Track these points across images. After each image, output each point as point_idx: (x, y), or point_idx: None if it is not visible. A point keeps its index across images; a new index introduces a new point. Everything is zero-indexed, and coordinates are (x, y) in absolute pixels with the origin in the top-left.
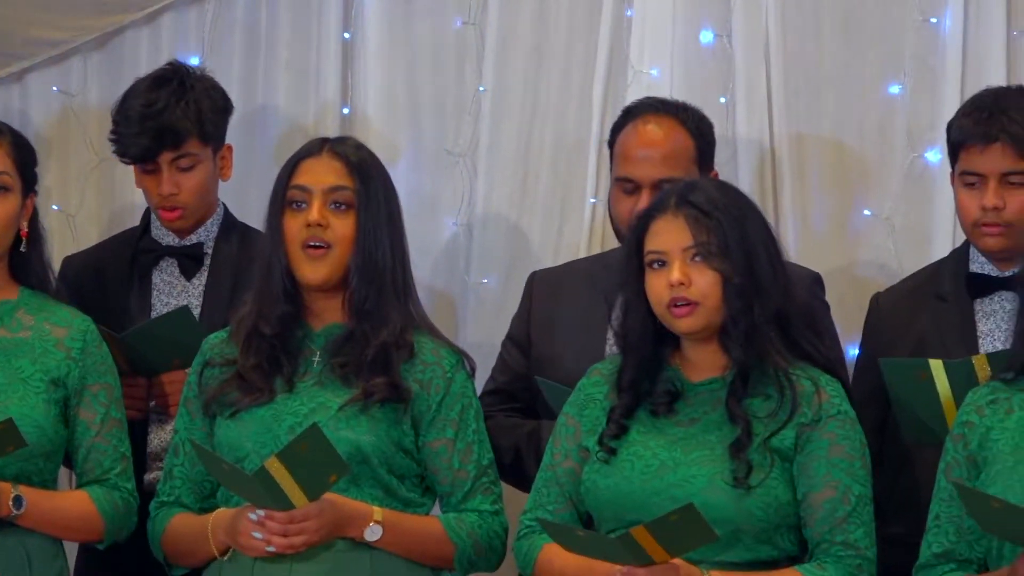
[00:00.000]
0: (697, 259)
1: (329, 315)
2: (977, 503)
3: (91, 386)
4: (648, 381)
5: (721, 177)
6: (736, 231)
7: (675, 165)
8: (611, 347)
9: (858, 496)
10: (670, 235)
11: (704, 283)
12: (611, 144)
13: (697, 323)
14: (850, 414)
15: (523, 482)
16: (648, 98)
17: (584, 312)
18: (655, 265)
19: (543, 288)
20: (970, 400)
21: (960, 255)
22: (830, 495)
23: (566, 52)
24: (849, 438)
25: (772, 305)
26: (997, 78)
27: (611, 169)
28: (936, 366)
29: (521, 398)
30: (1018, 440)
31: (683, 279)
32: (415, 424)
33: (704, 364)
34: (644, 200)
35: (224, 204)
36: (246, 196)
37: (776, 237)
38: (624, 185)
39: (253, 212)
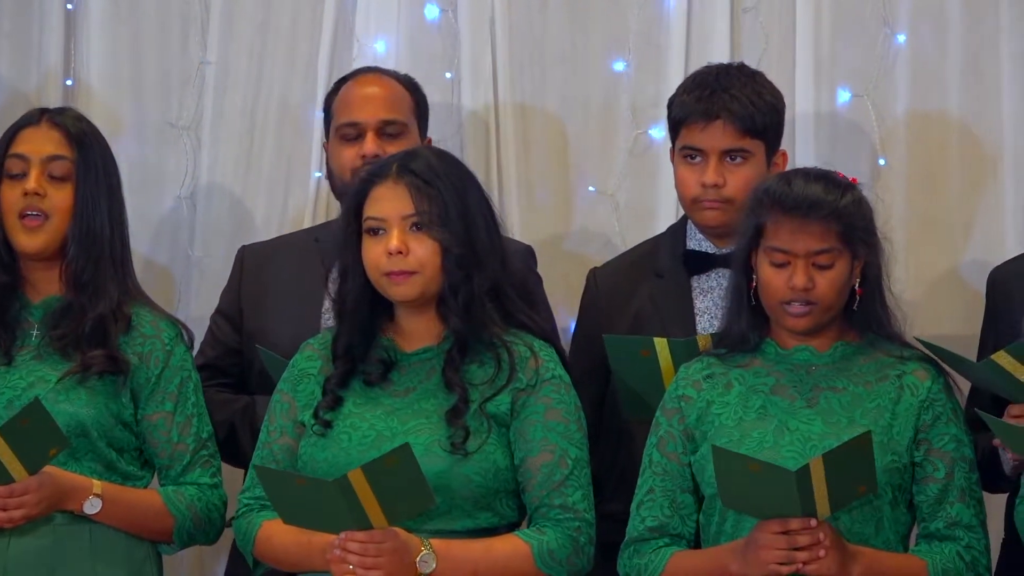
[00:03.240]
0: (417, 228)
1: (47, 287)
2: (731, 467)
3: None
4: (363, 347)
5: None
6: (456, 201)
7: (396, 109)
8: (327, 320)
9: (575, 459)
10: (390, 203)
11: (423, 252)
12: (327, 109)
13: (413, 291)
14: (565, 379)
15: (237, 458)
16: (362, 67)
17: (297, 284)
18: (374, 232)
19: (253, 261)
20: (684, 375)
21: (677, 232)
22: (547, 459)
23: (291, 25)
24: (564, 402)
25: (490, 276)
26: (721, 55)
27: (325, 136)
28: (660, 344)
29: (231, 373)
30: (741, 414)
31: (401, 247)
32: (134, 397)
33: (418, 333)
34: (369, 144)
35: None
36: None
37: (494, 209)
38: (346, 132)
39: None
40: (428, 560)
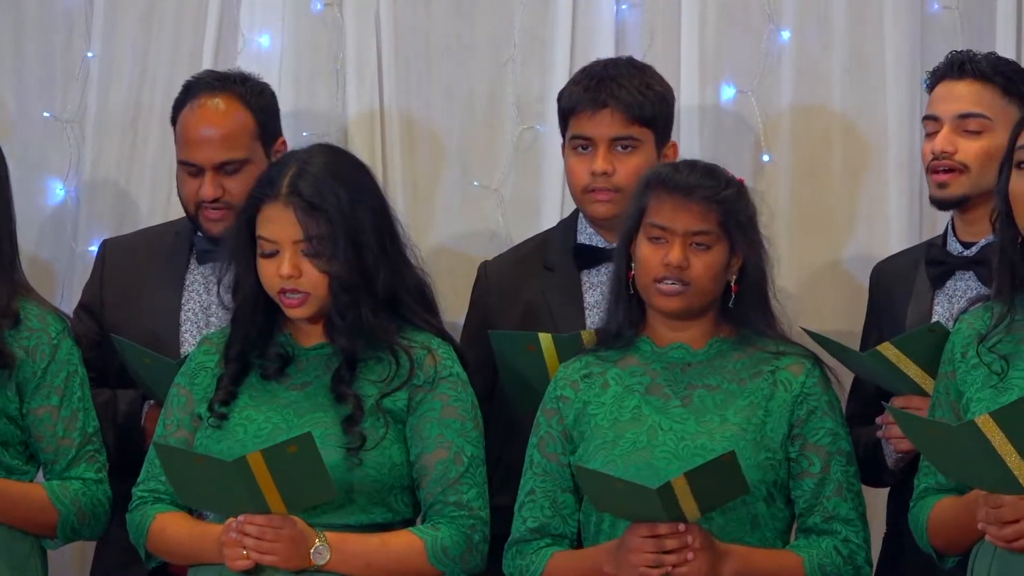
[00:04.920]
0: (307, 255)
1: None
2: (596, 483)
3: None
4: (258, 349)
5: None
6: (346, 222)
7: (234, 146)
8: (187, 314)
9: (470, 457)
10: (280, 226)
11: (314, 276)
12: (173, 121)
13: (306, 312)
14: (462, 376)
15: None
16: (208, 72)
17: (158, 278)
18: (267, 252)
19: (115, 255)
20: (562, 374)
21: (568, 226)
22: (443, 456)
23: (176, 19)
24: (461, 400)
25: (382, 292)
26: (606, 50)
27: (175, 143)
28: (545, 339)
29: (93, 366)
30: (616, 414)
31: (293, 272)
32: (20, 390)
33: (315, 330)
34: (207, 188)
35: None
36: None
37: (392, 214)
38: (188, 168)
39: None
40: (322, 552)
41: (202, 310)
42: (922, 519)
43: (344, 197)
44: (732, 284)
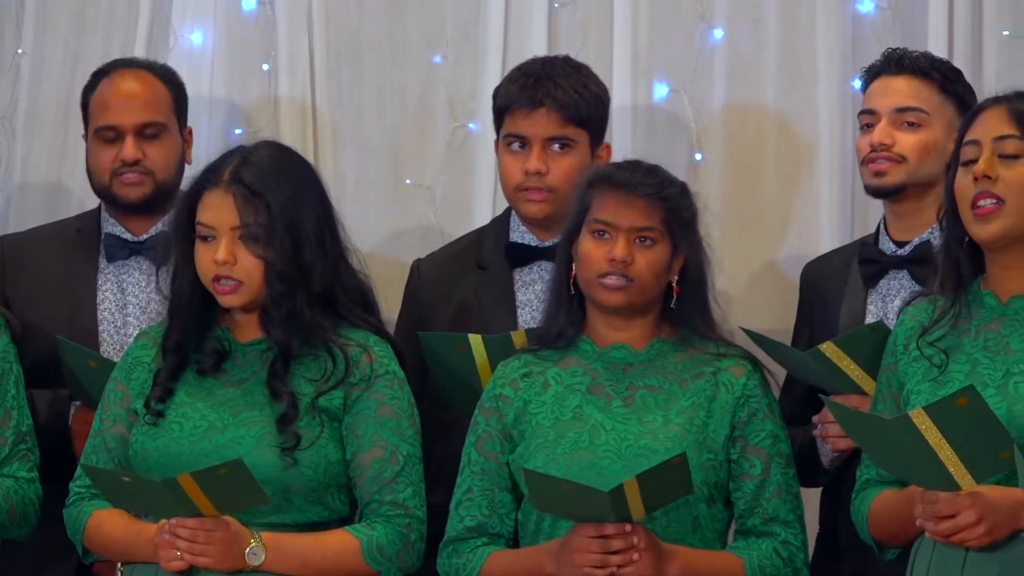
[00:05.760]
0: (244, 240)
1: None
2: (544, 486)
3: None
4: (196, 340)
5: None
6: (285, 213)
7: (155, 110)
8: (104, 311)
9: (406, 456)
10: (219, 211)
11: (249, 263)
12: (84, 105)
13: (240, 300)
14: (399, 375)
15: None
16: (118, 60)
17: (65, 275)
18: (204, 238)
19: (13, 252)
20: (501, 373)
21: (501, 224)
22: (378, 455)
23: (108, 16)
24: (397, 398)
25: (319, 284)
26: (539, 49)
27: (84, 135)
28: (475, 340)
29: None
30: (557, 414)
31: (228, 258)
32: None
33: (252, 324)
34: (128, 149)
35: None
36: None
37: (335, 217)
38: (105, 135)
39: None
40: (257, 552)
41: (118, 309)
42: (863, 511)
43: (286, 189)
44: (674, 285)
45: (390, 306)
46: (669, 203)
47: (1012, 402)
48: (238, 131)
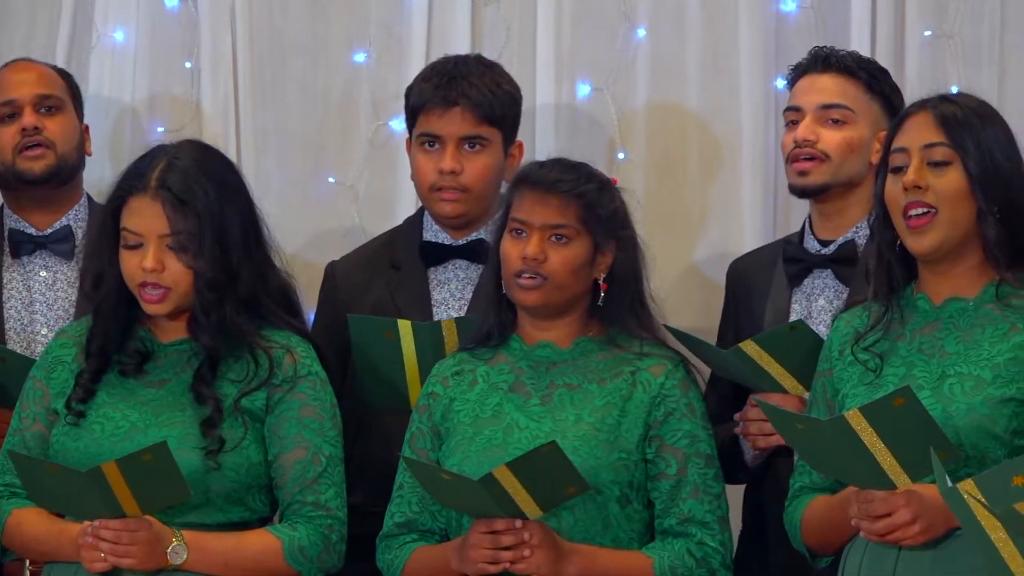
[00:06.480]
0: (172, 248)
1: None
2: (427, 477)
3: None
4: (118, 341)
5: None
6: (213, 220)
7: (51, 85)
8: (9, 309)
9: (328, 457)
10: (146, 219)
11: (177, 271)
12: None
13: (166, 308)
14: (321, 376)
15: None
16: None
17: None
18: (131, 244)
19: None
20: (436, 371)
21: (414, 224)
22: (300, 455)
23: (30, 13)
24: (320, 399)
25: (246, 289)
26: (462, 48)
27: None
28: (404, 326)
29: None
30: (478, 411)
31: (157, 266)
32: None
33: (174, 326)
34: (27, 118)
35: None
36: None
37: (258, 216)
38: (3, 111)
39: None
40: (179, 551)
41: (24, 307)
42: (796, 518)
43: (213, 194)
44: (600, 283)
45: (312, 306)
46: (585, 199)
47: (947, 403)
48: (160, 129)
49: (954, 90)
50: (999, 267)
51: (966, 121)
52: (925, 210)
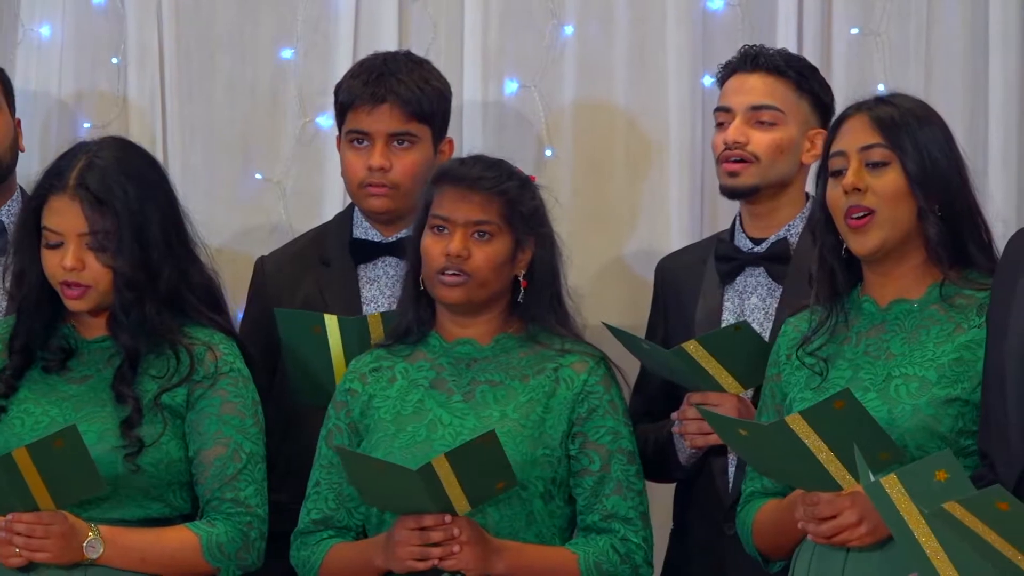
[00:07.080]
0: (91, 248)
1: None
2: (360, 468)
3: None
4: (42, 338)
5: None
6: (132, 219)
7: None
8: None
9: (249, 454)
10: (66, 218)
11: (97, 270)
12: None
13: (87, 305)
14: (244, 372)
15: None
16: None
17: None
18: (51, 243)
19: None
20: (353, 368)
21: (343, 220)
22: (220, 452)
23: None
24: (241, 396)
25: (166, 290)
26: (389, 45)
27: None
28: (331, 321)
29: None
30: (399, 408)
31: (77, 265)
32: None
33: (97, 322)
34: None
35: None
36: None
37: (181, 212)
38: None
39: None
40: (95, 545)
41: None
42: (748, 523)
43: (132, 193)
44: (521, 279)
45: (239, 302)
46: (507, 196)
47: (893, 405)
48: (87, 125)
49: (881, 88)
50: (942, 266)
51: (903, 121)
52: (865, 212)
